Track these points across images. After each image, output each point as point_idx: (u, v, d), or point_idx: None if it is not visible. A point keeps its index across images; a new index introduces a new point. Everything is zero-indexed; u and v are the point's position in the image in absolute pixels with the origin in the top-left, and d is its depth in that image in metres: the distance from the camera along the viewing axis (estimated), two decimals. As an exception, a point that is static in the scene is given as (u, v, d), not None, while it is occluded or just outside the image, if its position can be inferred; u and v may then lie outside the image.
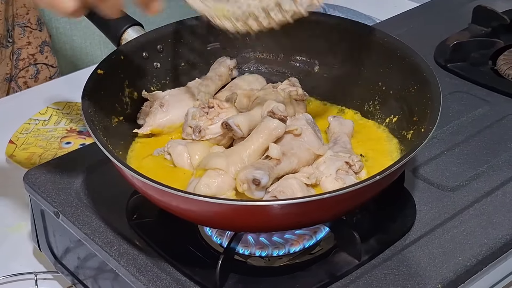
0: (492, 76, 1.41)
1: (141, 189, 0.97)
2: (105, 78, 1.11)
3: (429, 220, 1.06)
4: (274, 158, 0.99)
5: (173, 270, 0.99)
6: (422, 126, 1.02)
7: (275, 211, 0.90)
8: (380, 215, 1.07)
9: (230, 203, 0.92)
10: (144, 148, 1.11)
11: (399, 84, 1.13)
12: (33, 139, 1.45)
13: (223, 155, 1.01)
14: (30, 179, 1.14)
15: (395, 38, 1.15)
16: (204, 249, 1.03)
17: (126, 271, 1.00)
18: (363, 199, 0.96)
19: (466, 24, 1.56)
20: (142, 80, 1.18)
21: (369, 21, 1.75)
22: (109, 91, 1.12)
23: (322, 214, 0.94)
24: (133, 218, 1.07)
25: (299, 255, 1.03)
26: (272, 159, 1.00)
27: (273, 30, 1.21)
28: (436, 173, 1.15)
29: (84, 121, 1.01)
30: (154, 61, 1.19)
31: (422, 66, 1.09)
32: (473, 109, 1.30)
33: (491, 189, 1.12)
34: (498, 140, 1.22)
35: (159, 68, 1.20)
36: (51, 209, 1.10)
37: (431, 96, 1.04)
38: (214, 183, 0.99)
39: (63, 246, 1.14)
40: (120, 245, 1.03)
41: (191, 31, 1.22)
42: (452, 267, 0.99)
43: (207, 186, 0.98)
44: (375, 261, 1.00)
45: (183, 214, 0.97)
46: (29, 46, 1.78)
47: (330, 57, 1.22)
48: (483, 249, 1.02)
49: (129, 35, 1.19)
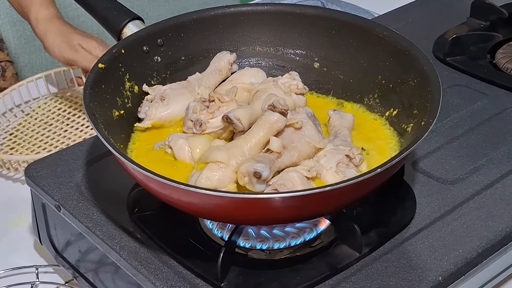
0: (490, 70, 1.41)
1: (143, 182, 0.97)
2: (106, 72, 1.11)
3: (429, 213, 1.07)
4: (275, 152, 1.00)
5: (174, 263, 0.99)
6: (422, 119, 1.02)
7: (276, 203, 0.90)
8: (381, 208, 1.07)
9: (231, 196, 0.92)
10: (145, 142, 1.11)
11: (398, 78, 1.13)
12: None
13: (224, 148, 1.02)
14: (31, 172, 1.15)
15: (395, 32, 1.15)
16: (205, 242, 1.04)
17: (128, 264, 1.00)
18: (364, 192, 0.97)
19: (464, 18, 1.56)
20: (142, 74, 1.18)
21: (368, 15, 1.75)
22: (110, 85, 1.12)
23: (324, 206, 0.94)
24: (134, 211, 1.08)
25: (299, 248, 1.03)
26: (273, 153, 1.00)
27: (272, 24, 1.22)
28: (435, 166, 1.15)
29: (86, 114, 1.01)
30: (154, 55, 1.20)
31: (422, 59, 1.09)
32: (472, 102, 1.30)
33: (491, 182, 1.12)
34: (497, 133, 1.22)
35: (159, 62, 1.20)
36: (52, 202, 1.10)
37: (431, 89, 1.04)
38: (215, 176, 0.99)
39: (64, 239, 1.14)
40: (122, 238, 1.03)
41: (191, 25, 1.22)
42: (452, 260, 0.99)
43: (208, 179, 0.99)
44: (375, 253, 1.00)
45: (184, 207, 0.97)
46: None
47: (329, 51, 1.22)
48: (483, 241, 1.02)
49: (130, 29, 1.19)
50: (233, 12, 1.24)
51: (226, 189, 0.99)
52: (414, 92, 1.09)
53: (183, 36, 1.22)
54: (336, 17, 1.22)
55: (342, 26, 1.21)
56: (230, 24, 1.24)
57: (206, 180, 0.99)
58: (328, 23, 1.22)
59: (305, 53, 1.24)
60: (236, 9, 1.25)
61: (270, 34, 1.25)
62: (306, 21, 1.23)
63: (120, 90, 1.14)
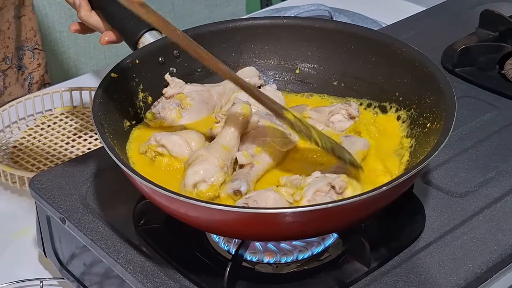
0: (500, 81, 1.40)
1: (149, 195, 0.96)
2: (119, 82, 1.10)
3: (439, 227, 1.05)
4: (246, 164, 1.02)
5: (180, 276, 0.98)
6: (435, 136, 1.01)
7: (283, 219, 0.89)
8: (389, 221, 1.06)
9: (241, 211, 0.91)
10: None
11: (415, 95, 1.12)
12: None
13: (203, 148, 1.04)
14: (36, 184, 1.14)
15: (413, 48, 1.14)
16: (211, 255, 1.03)
17: (133, 278, 0.99)
18: (370, 210, 0.96)
19: (473, 28, 1.55)
20: (157, 85, 1.16)
21: (376, 25, 1.74)
22: (122, 94, 1.11)
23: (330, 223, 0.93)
24: (140, 224, 1.07)
25: (307, 262, 1.02)
26: (245, 166, 1.02)
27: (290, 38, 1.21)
28: (445, 179, 1.14)
29: (93, 123, 1.00)
30: (170, 66, 1.18)
31: (439, 76, 1.08)
32: (481, 114, 1.29)
33: (501, 195, 1.11)
34: (507, 145, 1.21)
35: (175, 73, 1.18)
36: (57, 215, 1.10)
37: (446, 107, 1.03)
38: (201, 168, 1.00)
39: (69, 252, 1.14)
40: (127, 252, 1.02)
41: (208, 37, 1.21)
42: (462, 274, 0.98)
43: (196, 173, 0.99)
44: (384, 268, 0.99)
45: (192, 221, 0.96)
46: (39, 68, 1.78)
47: (348, 66, 1.21)
48: (493, 255, 1.01)
49: (146, 39, 1.18)
50: (251, 25, 1.24)
51: (215, 178, 0.99)
52: (430, 109, 1.08)
53: (200, 48, 1.21)
54: (355, 32, 1.21)
55: (361, 41, 1.20)
56: (247, 37, 1.24)
57: (193, 174, 1.00)
58: (347, 38, 1.21)
59: (323, 68, 1.23)
60: (254, 22, 1.24)
61: (288, 48, 1.24)
62: (325, 36, 1.22)
63: (133, 100, 1.14)
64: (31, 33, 1.75)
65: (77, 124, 1.51)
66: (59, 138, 1.47)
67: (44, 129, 1.50)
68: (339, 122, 1.14)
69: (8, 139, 1.47)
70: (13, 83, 1.72)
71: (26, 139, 1.47)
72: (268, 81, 1.24)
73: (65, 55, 2.31)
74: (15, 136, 1.48)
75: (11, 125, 1.51)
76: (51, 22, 2.24)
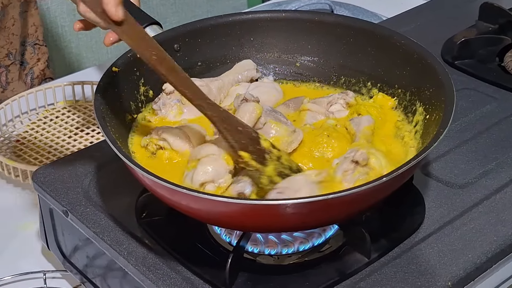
0: (499, 73, 1.40)
1: (151, 188, 0.97)
2: (120, 76, 1.11)
3: (438, 218, 1.06)
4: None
5: (182, 268, 0.99)
6: (434, 128, 1.02)
7: (283, 210, 0.90)
8: (389, 212, 1.07)
9: (243, 202, 0.92)
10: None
11: (415, 87, 1.13)
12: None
13: (211, 143, 1.03)
14: (39, 178, 1.14)
15: (412, 41, 1.15)
16: (213, 247, 1.03)
17: (136, 270, 1.00)
18: (371, 200, 0.96)
19: (473, 21, 1.56)
20: (158, 79, 1.16)
21: (376, 18, 1.74)
22: (123, 88, 1.12)
23: (331, 214, 0.94)
24: (142, 217, 1.07)
25: (308, 253, 1.03)
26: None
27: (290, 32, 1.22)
28: (444, 170, 1.15)
29: (95, 117, 1.01)
30: None
31: (438, 68, 1.09)
32: (481, 106, 1.30)
33: (500, 186, 1.12)
34: (506, 137, 1.22)
35: None
36: (60, 208, 1.10)
37: (445, 99, 1.04)
38: (210, 168, 0.99)
39: (72, 244, 1.14)
40: (129, 244, 1.03)
41: (208, 31, 1.22)
42: (461, 265, 0.99)
43: (205, 173, 0.99)
44: (384, 259, 1.00)
45: (193, 213, 0.97)
46: (38, 62, 1.78)
47: (347, 59, 1.22)
48: (492, 246, 1.02)
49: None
50: (250, 18, 1.24)
51: (223, 180, 0.99)
52: (429, 101, 1.09)
53: (200, 41, 1.22)
54: (355, 25, 1.22)
55: (361, 34, 1.20)
56: (247, 31, 1.24)
57: (203, 174, 0.99)
58: (347, 31, 1.21)
59: (322, 61, 1.24)
60: (253, 16, 1.24)
61: (288, 41, 1.25)
62: (324, 29, 1.22)
63: (134, 94, 1.14)
64: (32, 29, 1.75)
65: (79, 118, 1.51)
66: (62, 132, 1.47)
67: (46, 123, 1.50)
68: (338, 112, 1.14)
69: (11, 133, 1.48)
70: (16, 79, 1.73)
71: (29, 133, 1.47)
72: (268, 75, 1.25)
73: (67, 50, 2.31)
74: (18, 130, 1.49)
75: (14, 119, 1.51)
76: (53, 17, 2.24)
